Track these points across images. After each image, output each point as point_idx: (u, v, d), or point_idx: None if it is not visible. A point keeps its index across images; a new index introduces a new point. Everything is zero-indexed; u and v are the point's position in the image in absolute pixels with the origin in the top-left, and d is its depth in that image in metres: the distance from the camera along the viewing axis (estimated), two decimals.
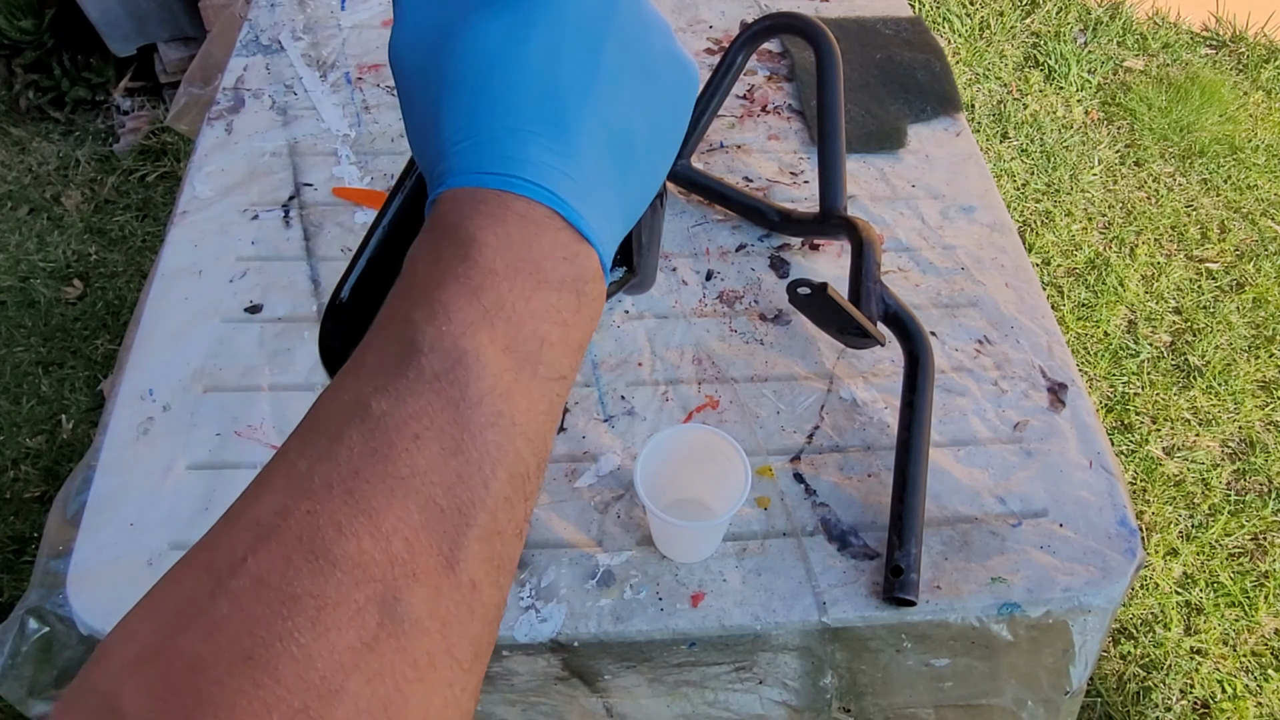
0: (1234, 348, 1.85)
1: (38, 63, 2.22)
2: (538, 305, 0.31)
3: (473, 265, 0.30)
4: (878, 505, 0.80)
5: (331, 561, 0.25)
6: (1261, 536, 1.58)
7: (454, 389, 0.29)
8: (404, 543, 0.26)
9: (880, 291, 0.83)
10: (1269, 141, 2.27)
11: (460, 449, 0.28)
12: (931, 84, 1.20)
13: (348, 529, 0.26)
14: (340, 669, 0.24)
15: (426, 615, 0.26)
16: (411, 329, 0.30)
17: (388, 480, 0.27)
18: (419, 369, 0.29)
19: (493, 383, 0.29)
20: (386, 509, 0.26)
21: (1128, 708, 1.39)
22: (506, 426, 0.29)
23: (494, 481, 0.29)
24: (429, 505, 0.27)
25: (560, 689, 0.77)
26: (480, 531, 0.28)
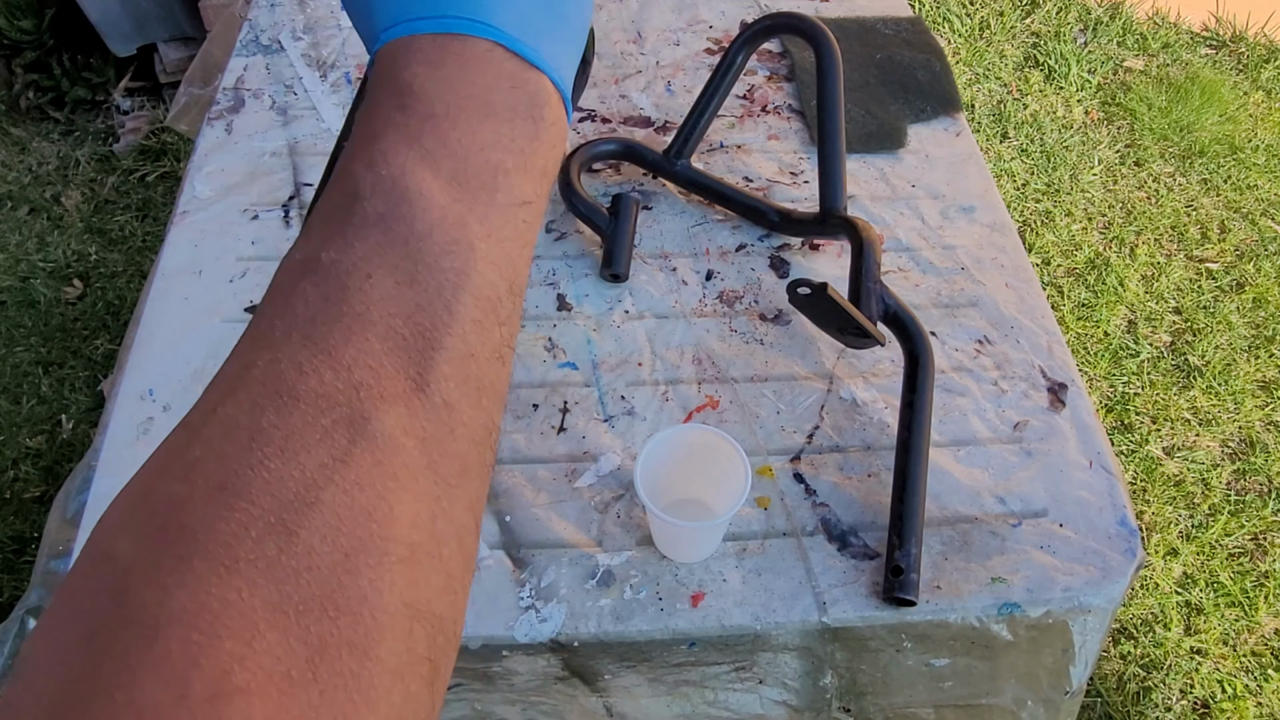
0: (1234, 348, 1.85)
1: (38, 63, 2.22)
2: (488, 136, 0.32)
3: (410, 113, 0.31)
4: (878, 505, 0.80)
5: (295, 396, 0.26)
6: (1261, 536, 1.58)
7: (400, 225, 0.29)
8: (367, 370, 0.27)
9: (880, 291, 0.83)
10: (1269, 141, 2.27)
11: (416, 279, 0.28)
12: (931, 84, 1.20)
13: (308, 367, 0.26)
14: (313, 484, 0.25)
15: (400, 433, 0.26)
16: (352, 181, 0.30)
17: (344, 319, 0.27)
18: (362, 214, 0.29)
19: (441, 214, 0.30)
20: (345, 344, 0.27)
21: (1128, 708, 1.39)
22: (464, 253, 0.30)
23: (458, 305, 0.29)
24: (390, 334, 0.27)
25: (560, 689, 0.77)
26: (449, 354, 0.28)
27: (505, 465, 0.82)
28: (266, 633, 0.22)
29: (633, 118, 1.15)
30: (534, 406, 0.86)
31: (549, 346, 0.91)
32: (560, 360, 0.90)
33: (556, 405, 0.86)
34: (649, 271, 0.98)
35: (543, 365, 0.89)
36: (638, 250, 1.00)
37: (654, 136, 1.13)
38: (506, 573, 0.75)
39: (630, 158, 1.07)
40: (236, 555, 0.23)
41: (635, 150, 1.06)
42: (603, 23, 1.30)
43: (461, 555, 0.28)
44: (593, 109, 1.16)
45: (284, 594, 0.23)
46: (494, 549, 0.76)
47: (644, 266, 0.99)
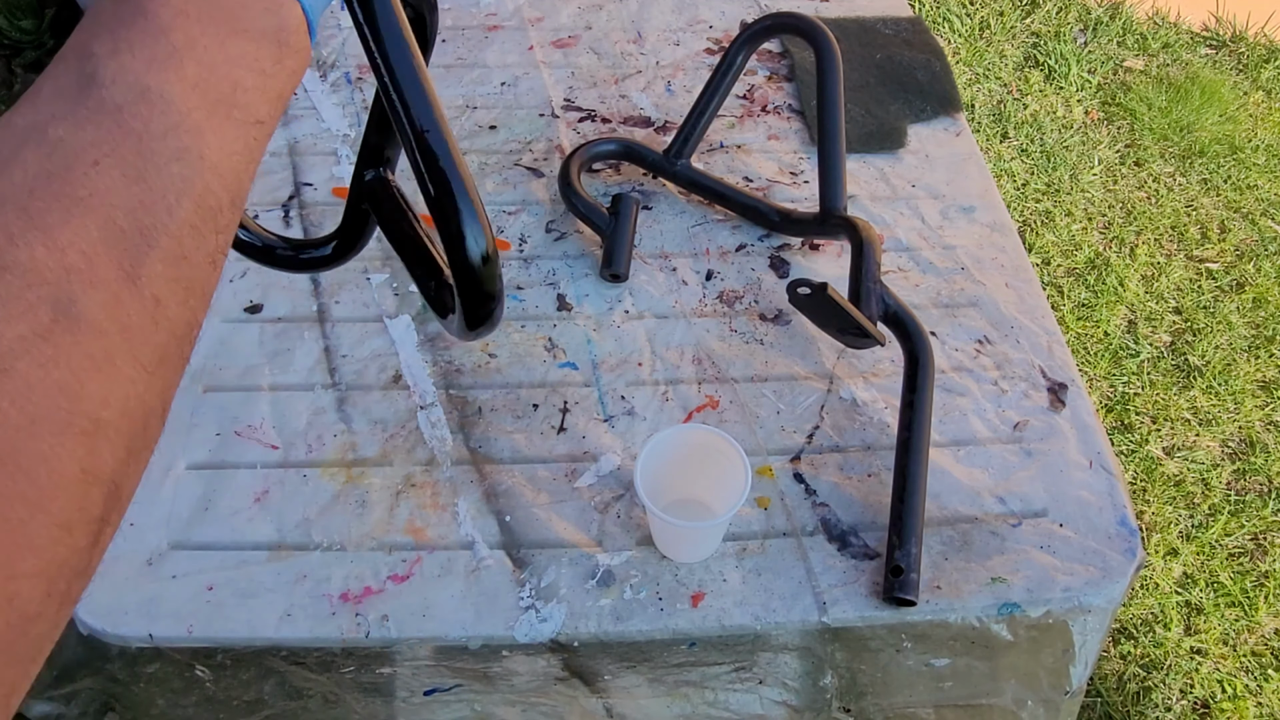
0: (1234, 348, 1.85)
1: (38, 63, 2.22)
2: (234, 52, 0.32)
3: (163, 5, 0.31)
4: (878, 505, 0.80)
5: (3, 265, 0.26)
6: (1261, 536, 1.58)
7: (136, 121, 0.29)
8: (80, 255, 0.27)
9: (880, 291, 0.83)
10: (1269, 141, 2.27)
11: (143, 177, 0.29)
12: (931, 84, 1.20)
13: (20, 239, 0.26)
14: (9, 353, 0.25)
15: (105, 318, 0.27)
16: (92, 62, 0.30)
17: (64, 200, 0.27)
18: (99, 100, 0.29)
19: (179, 119, 0.30)
20: (63, 225, 0.27)
21: (1128, 708, 1.39)
22: (194, 161, 0.30)
23: (179, 210, 0.30)
24: (108, 225, 0.28)
25: (560, 689, 0.77)
26: (163, 254, 0.29)
27: (505, 465, 0.82)
28: None
29: (633, 118, 1.15)
30: (534, 406, 0.86)
31: (549, 346, 0.91)
32: (560, 360, 0.90)
33: (556, 405, 0.86)
34: (649, 271, 0.98)
35: (543, 365, 0.89)
36: (638, 250, 1.00)
37: (654, 136, 1.13)
38: (506, 573, 0.75)
39: (630, 158, 1.07)
40: None
41: (635, 150, 1.06)
42: (603, 23, 1.30)
43: (145, 434, 0.30)
44: (593, 109, 1.16)
45: None
46: (494, 549, 0.76)
47: (644, 266, 0.99)
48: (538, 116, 1.15)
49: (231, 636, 0.72)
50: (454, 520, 0.78)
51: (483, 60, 1.22)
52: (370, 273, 0.97)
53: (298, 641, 0.72)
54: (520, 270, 0.98)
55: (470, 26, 1.28)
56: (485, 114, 1.15)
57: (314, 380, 0.88)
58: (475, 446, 0.83)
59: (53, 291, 0.27)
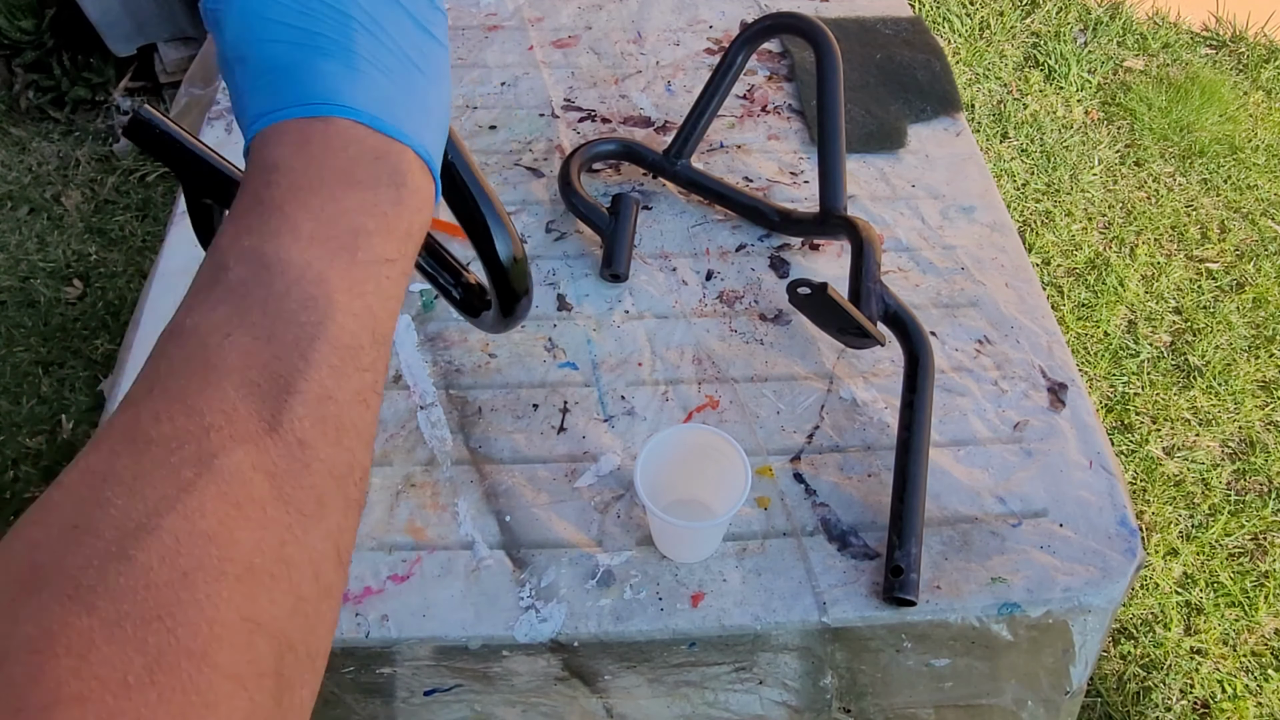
0: (1234, 348, 1.85)
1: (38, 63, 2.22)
2: (351, 204, 0.34)
3: (275, 187, 0.33)
4: (878, 505, 0.80)
5: (148, 441, 0.27)
6: (1261, 536, 1.58)
7: (259, 289, 0.31)
8: (219, 414, 0.28)
9: (880, 291, 0.83)
10: (1269, 141, 2.27)
11: (273, 336, 0.30)
12: (931, 84, 1.20)
13: (164, 415, 0.28)
14: (154, 512, 0.26)
15: (249, 468, 0.28)
16: (219, 254, 0.32)
17: (200, 371, 0.29)
18: (225, 283, 0.31)
19: (300, 273, 0.31)
20: (200, 394, 0.29)
21: (1128, 708, 1.39)
22: (322, 305, 0.32)
23: (314, 353, 0.31)
24: (245, 384, 0.29)
25: (560, 689, 0.77)
26: (305, 397, 0.30)
27: (505, 465, 0.82)
28: (103, 646, 0.24)
29: (633, 118, 1.15)
30: (534, 406, 0.86)
31: (549, 346, 0.91)
32: (560, 360, 0.90)
33: (556, 405, 0.86)
34: (649, 271, 0.98)
35: (543, 365, 0.89)
36: (638, 250, 1.00)
37: (654, 136, 1.13)
38: (506, 573, 0.75)
39: (630, 158, 1.07)
40: (79, 583, 0.24)
41: (635, 150, 1.06)
42: (603, 23, 1.30)
43: (317, 583, 0.30)
44: (593, 109, 1.16)
45: (121, 611, 0.24)
46: (494, 549, 0.76)
47: (644, 266, 0.99)
48: (538, 116, 1.15)
49: None
50: (454, 520, 0.78)
51: (483, 60, 1.22)
52: None
53: None
54: None
55: (470, 26, 1.28)
56: (485, 114, 1.15)
57: None
58: (475, 446, 0.83)
59: (195, 451, 0.28)
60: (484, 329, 0.53)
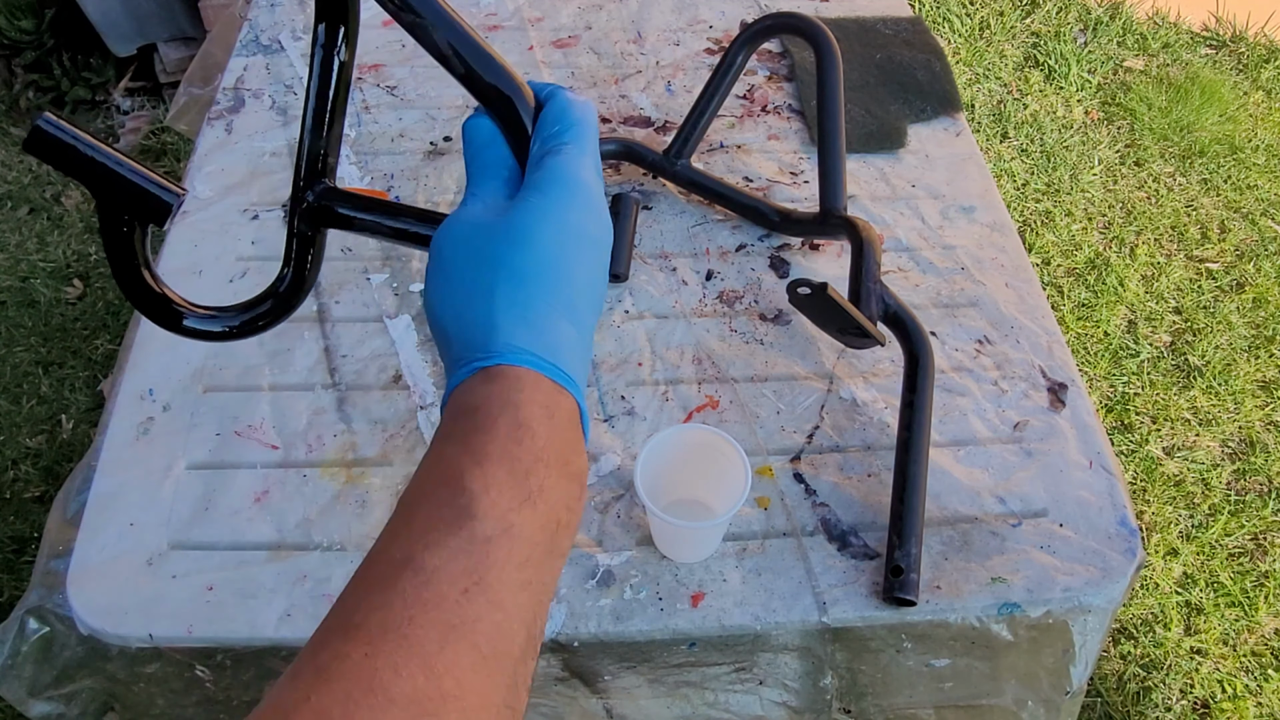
0: (1234, 348, 1.85)
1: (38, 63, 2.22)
2: (562, 493, 0.36)
3: (526, 450, 0.35)
4: (878, 505, 0.80)
5: (389, 699, 0.28)
6: (1261, 536, 1.58)
7: (501, 553, 0.33)
8: (454, 682, 0.29)
9: (880, 291, 0.83)
10: (1269, 141, 2.27)
11: (501, 605, 0.32)
12: (931, 84, 1.20)
13: (404, 669, 0.28)
14: None
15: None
16: (466, 497, 0.33)
17: (439, 627, 0.30)
18: (471, 532, 0.32)
19: (528, 553, 0.33)
20: (439, 653, 0.29)
21: (1128, 708, 1.39)
22: (536, 592, 0.34)
23: (519, 637, 0.33)
24: (474, 651, 0.30)
25: (560, 690, 0.77)
26: (508, 679, 0.32)
27: None
28: None
29: (633, 118, 1.15)
30: None
31: None
32: None
33: None
34: (649, 271, 0.98)
35: None
36: (638, 250, 1.00)
37: (654, 136, 1.13)
38: None
39: (630, 158, 1.07)
40: None
41: (635, 150, 1.06)
42: (603, 23, 1.30)
43: None
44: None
45: None
46: None
47: (644, 266, 0.99)
48: None
49: (231, 636, 0.72)
50: None
51: None
52: (370, 273, 0.97)
53: (298, 641, 0.72)
54: None
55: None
56: None
57: (314, 380, 0.88)
58: None
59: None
60: None
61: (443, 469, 0.34)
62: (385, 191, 1.05)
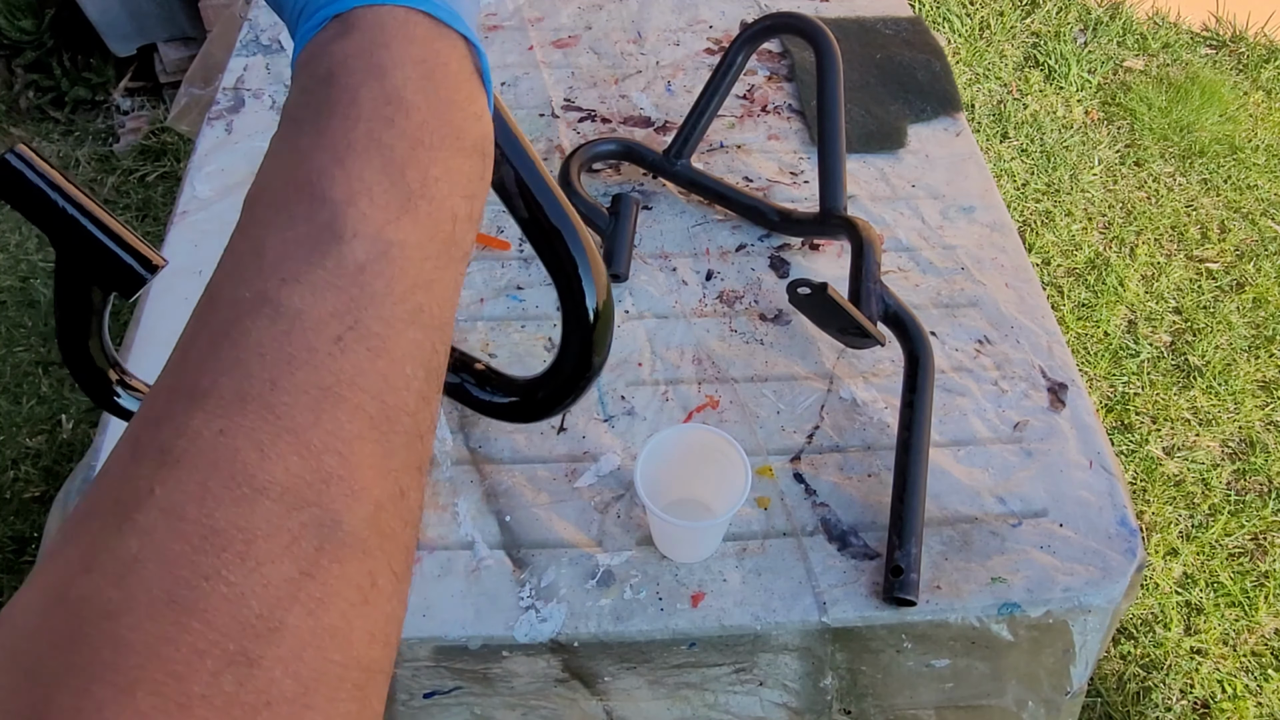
0: (1234, 348, 1.85)
1: (38, 63, 2.22)
2: (456, 178, 0.28)
3: (400, 133, 0.27)
4: (878, 505, 0.80)
5: (256, 488, 0.22)
6: (1261, 536, 1.58)
7: (379, 282, 0.25)
8: (338, 459, 0.23)
9: (880, 291, 0.83)
10: (1269, 141, 2.27)
11: (385, 349, 0.25)
12: (931, 84, 1.20)
13: (271, 449, 0.23)
14: (278, 603, 0.21)
15: (369, 533, 0.24)
16: (328, 210, 0.25)
17: (311, 391, 0.23)
18: (339, 259, 0.25)
19: (416, 274, 0.26)
20: (314, 424, 0.23)
21: (1128, 708, 1.39)
22: (426, 321, 0.27)
23: (414, 381, 0.26)
24: (358, 414, 0.24)
25: (560, 691, 0.77)
26: (405, 437, 0.25)
27: (505, 465, 0.82)
28: None
29: (633, 118, 1.15)
30: None
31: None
32: None
33: None
34: (649, 271, 0.98)
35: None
36: (638, 250, 1.00)
37: (654, 136, 1.13)
38: (506, 573, 0.75)
39: (630, 158, 1.07)
40: (190, 691, 0.20)
41: (635, 150, 1.06)
42: (603, 23, 1.30)
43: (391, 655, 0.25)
44: (593, 109, 1.16)
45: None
46: (494, 549, 0.76)
47: (644, 266, 0.99)
48: (538, 116, 1.15)
49: None
50: (454, 520, 0.78)
51: None
52: None
53: None
54: (520, 270, 0.98)
55: None
56: None
57: None
58: (475, 446, 0.83)
59: (316, 514, 0.23)
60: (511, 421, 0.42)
61: (294, 167, 0.26)
62: None
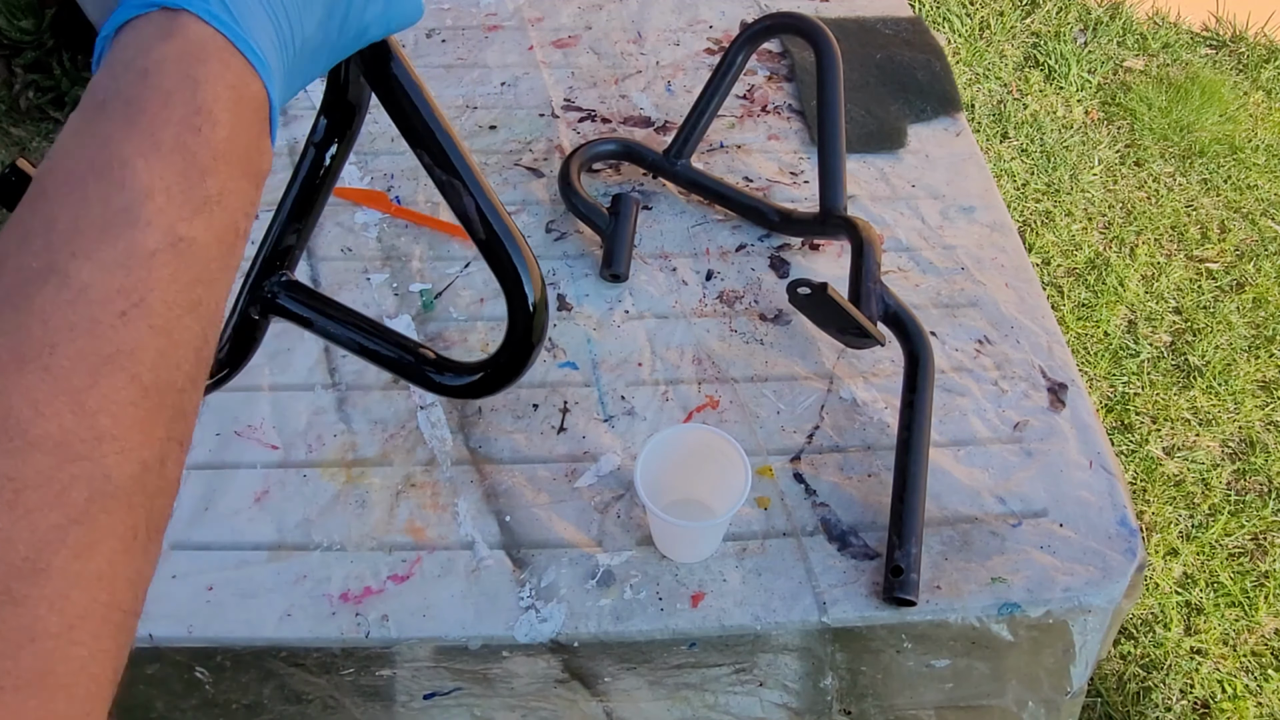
0: (1234, 348, 1.85)
1: (38, 63, 2.22)
2: (242, 196, 0.31)
3: (205, 144, 0.29)
4: (878, 505, 0.80)
5: (29, 441, 0.24)
6: (1261, 536, 1.58)
7: (166, 270, 0.28)
8: (111, 419, 0.25)
9: (880, 291, 0.83)
10: (1269, 141, 2.27)
11: (165, 330, 0.27)
12: (931, 84, 1.20)
13: (47, 407, 0.24)
14: (45, 546, 0.23)
15: (135, 490, 0.26)
16: (128, 196, 0.27)
17: (91, 357, 0.25)
18: (131, 243, 0.27)
19: (200, 270, 0.29)
20: (91, 387, 0.25)
21: (1128, 708, 1.39)
22: (203, 314, 0.29)
23: (185, 364, 0.28)
24: (134, 382, 0.26)
25: (560, 692, 0.77)
26: (172, 411, 0.28)
27: (505, 465, 0.82)
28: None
29: (633, 118, 1.15)
30: (534, 406, 0.86)
31: (549, 346, 0.91)
32: (560, 360, 0.90)
33: (556, 405, 0.86)
34: (649, 271, 0.98)
35: (543, 365, 0.89)
36: (638, 250, 1.00)
37: (654, 136, 1.13)
38: (506, 573, 0.75)
39: (630, 158, 1.07)
40: None
41: (635, 150, 1.06)
42: (603, 23, 1.30)
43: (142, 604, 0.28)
44: (593, 109, 1.16)
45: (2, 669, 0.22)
46: (494, 549, 0.76)
47: (644, 266, 0.99)
48: (538, 116, 1.15)
49: (231, 637, 0.72)
50: (454, 520, 0.78)
51: (483, 60, 1.22)
52: (370, 273, 0.97)
53: (298, 641, 0.72)
54: None
55: (470, 26, 1.28)
56: (485, 114, 1.14)
57: (314, 380, 0.88)
58: (475, 446, 0.83)
59: (88, 468, 0.25)
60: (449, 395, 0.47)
61: (98, 151, 0.28)
62: (385, 192, 1.05)
